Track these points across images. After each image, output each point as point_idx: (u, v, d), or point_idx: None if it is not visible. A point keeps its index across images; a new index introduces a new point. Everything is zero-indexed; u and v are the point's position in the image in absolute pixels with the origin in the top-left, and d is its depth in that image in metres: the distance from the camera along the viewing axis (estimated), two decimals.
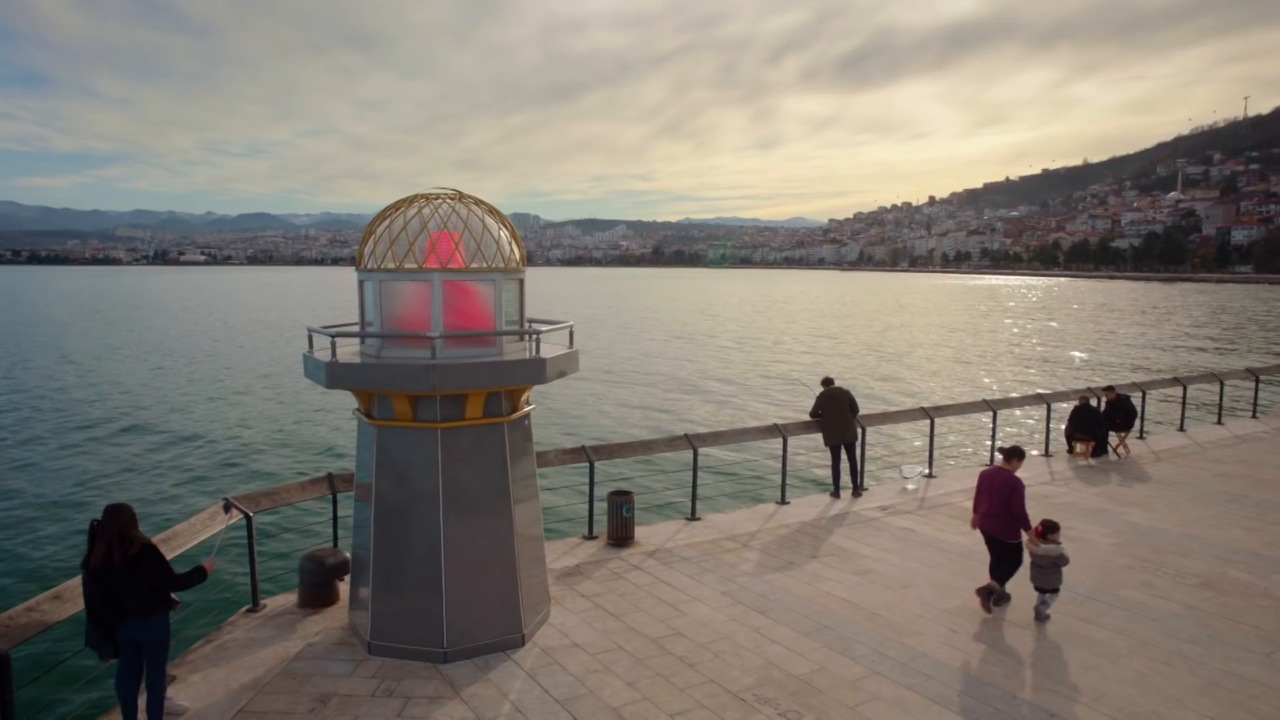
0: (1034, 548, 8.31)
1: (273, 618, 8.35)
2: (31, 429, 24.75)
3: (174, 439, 23.41)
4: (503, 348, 7.58)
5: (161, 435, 23.90)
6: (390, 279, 7.35)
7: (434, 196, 7.59)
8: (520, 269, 7.78)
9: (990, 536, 8.61)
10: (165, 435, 23.89)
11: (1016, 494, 8.34)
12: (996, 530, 8.51)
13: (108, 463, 20.63)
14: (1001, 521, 8.44)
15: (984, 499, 8.62)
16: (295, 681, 7.03)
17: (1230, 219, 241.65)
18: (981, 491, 8.68)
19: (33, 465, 20.37)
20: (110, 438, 23.71)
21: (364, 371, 7.14)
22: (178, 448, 22.34)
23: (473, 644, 7.46)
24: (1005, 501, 8.36)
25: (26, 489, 18.13)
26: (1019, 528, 8.41)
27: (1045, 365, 42.07)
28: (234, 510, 6.80)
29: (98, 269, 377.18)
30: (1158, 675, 7.20)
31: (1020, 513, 8.36)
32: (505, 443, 7.64)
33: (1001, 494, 8.39)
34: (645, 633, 7.99)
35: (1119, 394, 15.86)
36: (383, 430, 7.49)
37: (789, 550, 10.40)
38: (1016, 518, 8.36)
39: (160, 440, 23.23)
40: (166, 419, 26.37)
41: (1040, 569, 8.27)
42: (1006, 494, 8.36)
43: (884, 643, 7.78)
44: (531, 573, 8.00)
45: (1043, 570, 8.25)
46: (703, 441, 11.83)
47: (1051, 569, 8.21)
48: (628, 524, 10.47)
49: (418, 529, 7.41)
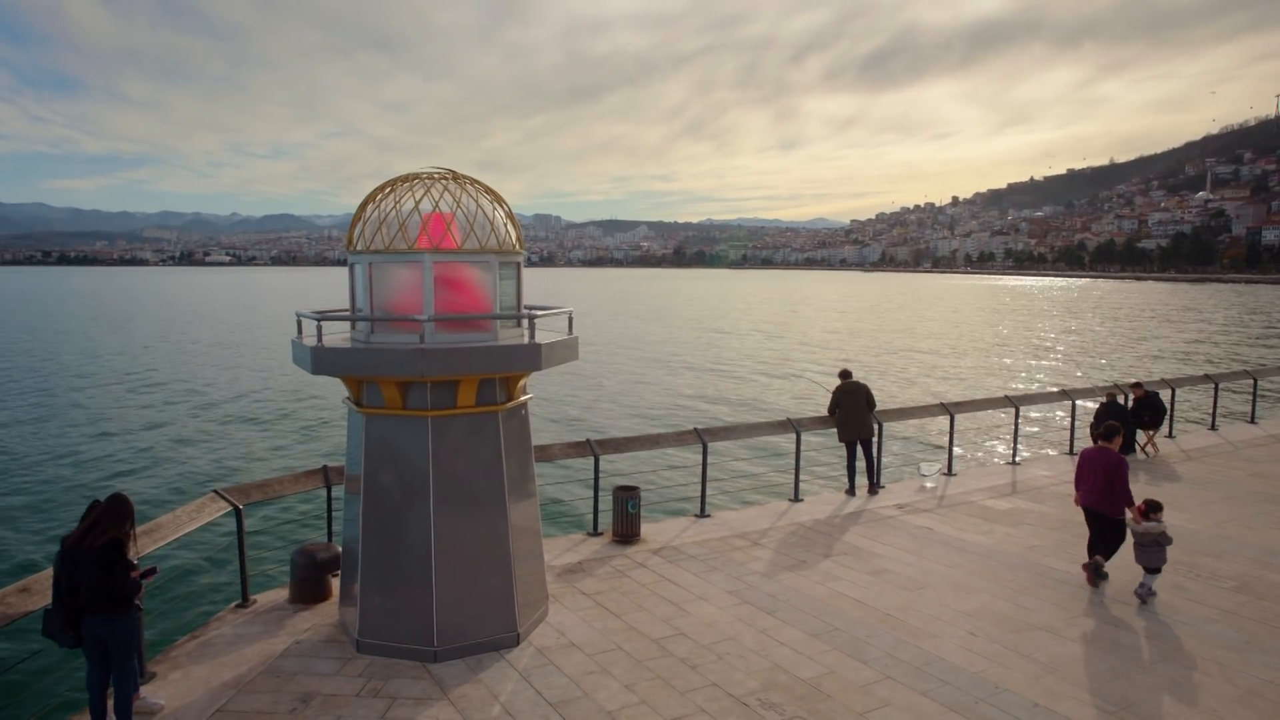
0: (1136, 526, 8.50)
1: (262, 614, 8.07)
2: (15, 420, 24.77)
3: (172, 430, 23.43)
4: (498, 333, 7.25)
5: (158, 426, 23.96)
6: (380, 261, 7.05)
7: (427, 176, 7.27)
8: (517, 252, 7.45)
9: (1093, 512, 8.86)
10: (162, 426, 23.94)
11: (1120, 472, 8.56)
12: (1099, 506, 8.75)
13: (108, 450, 20.59)
14: (1104, 498, 8.67)
15: (1086, 477, 8.87)
16: (279, 680, 6.74)
17: (1261, 219, 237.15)
18: (1083, 470, 8.94)
19: (15, 455, 20.30)
20: (108, 426, 23.75)
21: (350, 356, 6.84)
22: (175, 439, 22.36)
23: (465, 643, 7.13)
24: (1108, 479, 8.58)
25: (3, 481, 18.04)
26: (1122, 505, 8.61)
27: (1071, 362, 41.24)
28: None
29: (120, 270, 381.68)
30: (1191, 684, 6.74)
31: (1123, 491, 8.57)
32: (500, 433, 7.30)
33: (1105, 472, 8.61)
34: (647, 633, 7.63)
35: (1147, 391, 15.29)
36: (371, 419, 7.18)
37: (801, 549, 10.00)
38: (1118, 496, 8.57)
39: (156, 431, 23.27)
40: (164, 409, 26.45)
41: (1143, 547, 8.44)
42: (1110, 472, 8.58)
43: (898, 646, 7.37)
44: (528, 569, 7.67)
45: (1145, 549, 8.43)
46: (713, 436, 11.44)
47: (1154, 547, 8.38)
48: (633, 520, 10.12)
49: (407, 522, 7.10)
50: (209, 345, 48.97)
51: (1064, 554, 9.81)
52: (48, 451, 20.86)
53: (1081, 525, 10.93)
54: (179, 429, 23.60)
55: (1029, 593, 8.64)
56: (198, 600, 9.40)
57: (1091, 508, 8.86)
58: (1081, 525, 10.93)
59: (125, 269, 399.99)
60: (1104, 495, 8.67)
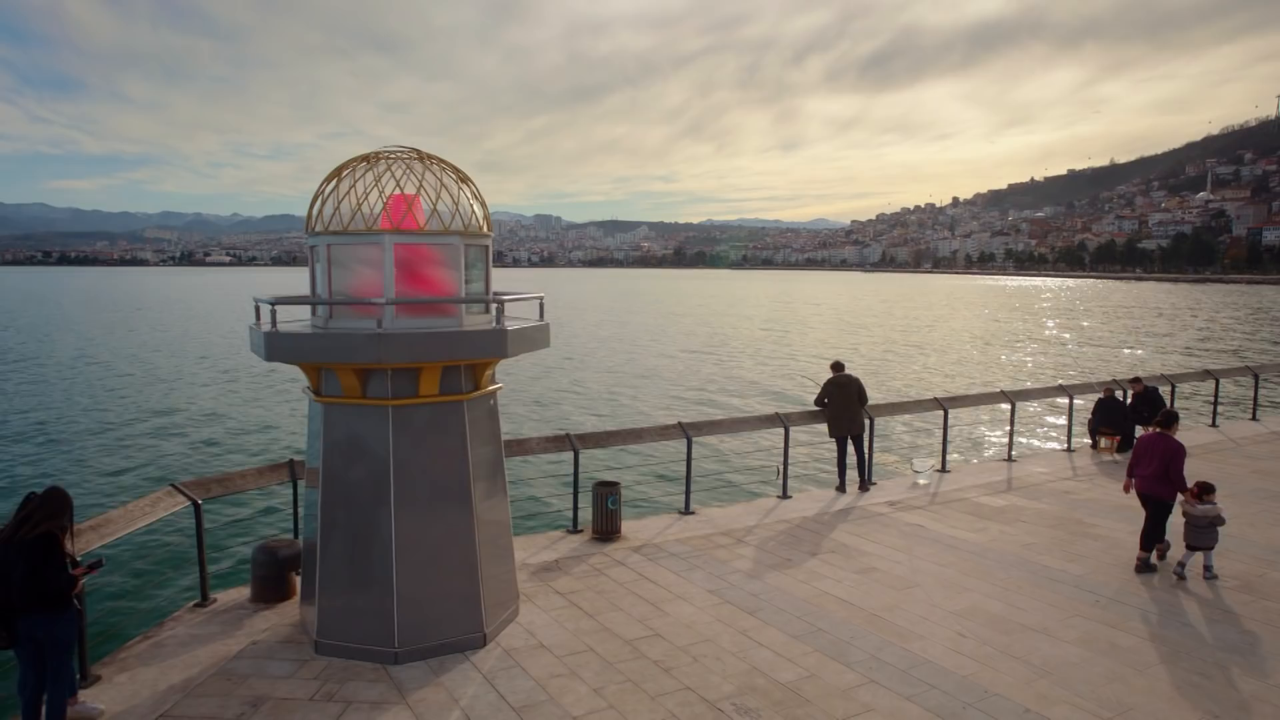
0: (1190, 508, 8.66)
1: (220, 613, 7.73)
2: None
3: (141, 424, 23.20)
4: (463, 319, 6.90)
5: (124, 420, 23.77)
6: (338, 243, 6.70)
7: (389, 155, 6.93)
8: (486, 234, 7.11)
9: (1149, 497, 8.99)
10: (128, 420, 23.75)
11: (1177, 458, 8.76)
12: (1155, 491, 8.90)
13: (70, 445, 20.30)
14: (1160, 483, 8.84)
15: (1143, 463, 9.03)
16: (230, 683, 6.39)
17: (1262, 219, 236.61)
18: (1140, 456, 9.12)
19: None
20: (81, 419, 23.48)
21: (305, 342, 6.49)
22: (140, 433, 22.12)
23: (427, 644, 6.79)
24: (1165, 465, 8.76)
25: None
26: (1176, 490, 8.80)
27: (1070, 358, 40.87)
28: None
29: (120, 270, 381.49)
30: (1192, 687, 6.39)
31: (1178, 477, 8.75)
32: (465, 423, 6.96)
33: (1163, 458, 8.78)
34: (620, 633, 7.29)
35: (1146, 386, 14.94)
36: (330, 408, 6.84)
37: (787, 547, 9.65)
38: (1174, 481, 8.75)
39: (121, 425, 23.07)
40: (128, 404, 26.24)
41: (1197, 529, 8.61)
42: (1167, 458, 8.75)
43: (883, 647, 7.02)
44: (496, 567, 7.32)
45: (1199, 530, 8.61)
46: (697, 430, 11.09)
47: (1208, 529, 8.59)
48: (613, 517, 9.77)
49: (367, 517, 6.75)
50: (183, 340, 48.63)
51: (1059, 552, 9.46)
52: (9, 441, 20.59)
53: (1078, 523, 10.62)
54: (143, 424, 23.36)
55: (1022, 592, 8.29)
56: (155, 599, 9.05)
57: (1147, 493, 9.00)
58: (1078, 523, 10.62)
59: (125, 269, 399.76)
60: (1160, 480, 8.84)
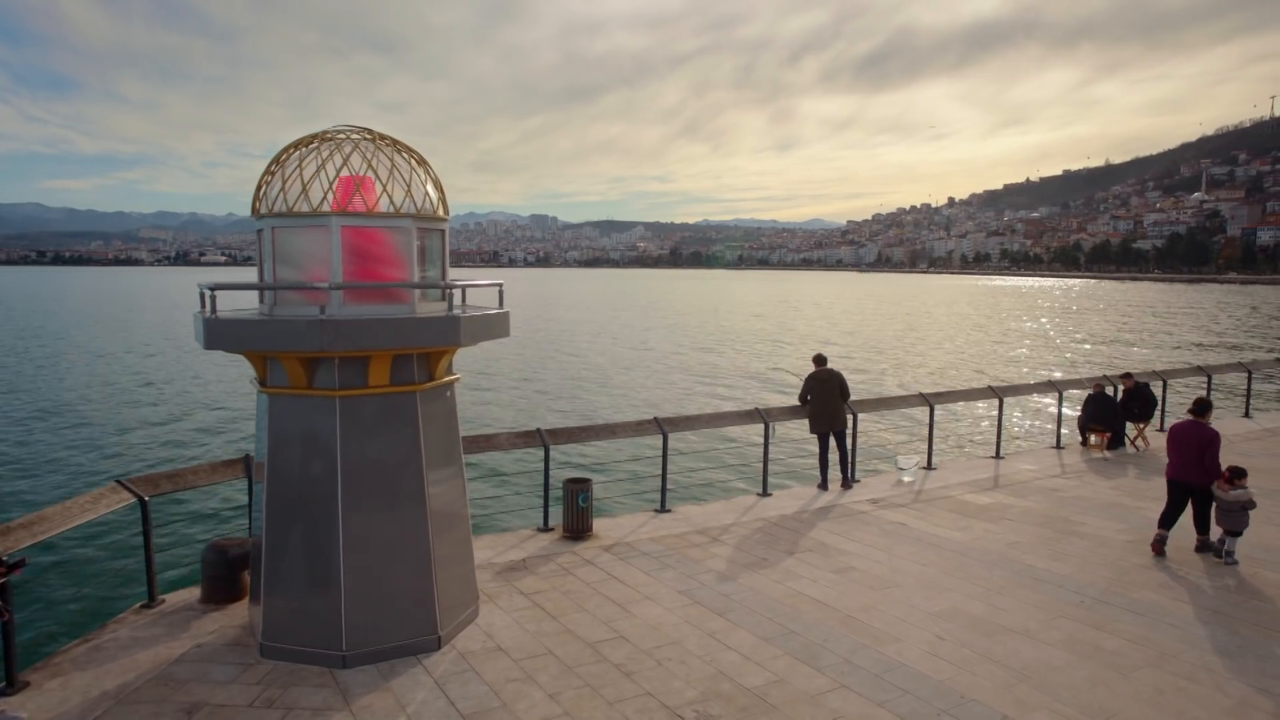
0: (1225, 494, 8.79)
1: (168, 615, 7.39)
2: None
3: (94, 420, 22.90)
4: (415, 305, 6.57)
5: (74, 415, 23.48)
6: (283, 226, 6.38)
7: (339, 135, 6.61)
8: (441, 218, 6.79)
9: (1181, 484, 9.15)
10: (78, 415, 23.47)
11: (1212, 446, 8.86)
12: (1191, 478, 9.03)
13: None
14: (1196, 470, 8.95)
15: (1178, 451, 9.14)
16: (167, 689, 6.06)
17: (1256, 219, 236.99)
18: (1173, 444, 9.21)
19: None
20: (34, 415, 23.20)
21: (245, 329, 6.16)
22: (91, 427, 21.80)
23: (377, 646, 6.46)
24: (1199, 452, 8.86)
25: None
26: (1212, 477, 8.90)
27: (1065, 355, 40.63)
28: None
29: (113, 270, 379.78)
30: (1178, 692, 6.08)
31: (1213, 465, 8.86)
32: (418, 416, 6.63)
33: (1197, 447, 8.89)
34: (583, 636, 6.97)
35: (1137, 382, 14.65)
36: (275, 400, 6.50)
37: (763, 546, 9.33)
38: (1209, 469, 8.85)
39: (80, 423, 22.81)
40: (77, 400, 25.94)
41: (1228, 513, 8.77)
42: (1201, 446, 8.86)
43: (856, 650, 6.70)
44: (453, 567, 6.99)
45: (1230, 514, 8.77)
46: (673, 426, 10.76)
47: (1240, 513, 8.74)
48: (584, 515, 9.45)
49: (313, 514, 6.42)
50: (154, 337, 48.18)
51: (1045, 551, 9.16)
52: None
53: (1066, 521, 10.32)
54: (103, 421, 23.08)
55: (1005, 592, 7.98)
56: (102, 601, 8.70)
57: (1182, 480, 9.12)
58: (1066, 521, 10.32)
59: (120, 269, 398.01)
60: (1196, 467, 8.93)
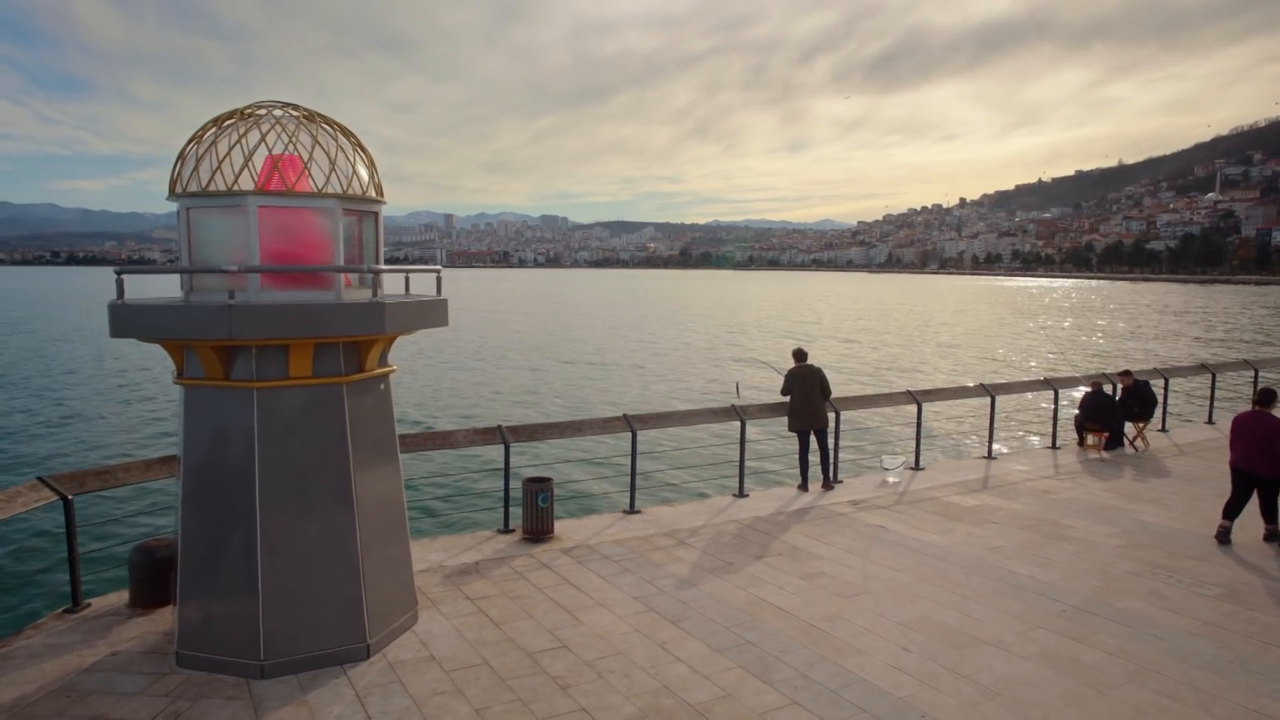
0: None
1: (91, 620, 6.99)
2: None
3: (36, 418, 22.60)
4: (341, 292, 6.15)
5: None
6: (198, 206, 5.96)
7: (264, 111, 6.19)
8: (374, 200, 6.36)
9: (1246, 473, 9.16)
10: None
11: (1279, 436, 8.84)
12: (1257, 468, 9.06)
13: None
14: (1263, 460, 9.00)
15: (1242, 441, 9.17)
16: (67, 701, 5.65)
17: (1271, 220, 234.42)
18: (1237, 434, 9.25)
19: None
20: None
21: (150, 316, 5.75)
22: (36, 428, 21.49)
23: (299, 655, 6.04)
24: (1266, 443, 8.90)
25: None
26: (1278, 467, 8.93)
27: (1064, 354, 39.94)
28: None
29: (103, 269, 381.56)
30: (1160, 712, 5.59)
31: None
32: (345, 410, 6.21)
33: (1264, 437, 8.93)
34: (524, 645, 6.52)
35: (1137, 380, 14.10)
36: (191, 392, 6.10)
37: (731, 549, 8.87)
38: (1277, 459, 8.87)
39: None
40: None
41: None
42: (1269, 436, 8.89)
43: (814, 664, 6.23)
44: (386, 571, 6.57)
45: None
46: (643, 424, 10.31)
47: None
48: (544, 516, 9.01)
49: (230, 513, 6.00)
50: None
51: (1029, 556, 8.66)
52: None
53: (1053, 524, 9.83)
54: (37, 418, 22.87)
55: (981, 600, 7.49)
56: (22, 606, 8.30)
57: (1248, 469, 9.14)
58: (1053, 524, 9.83)
59: (107, 268, 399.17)
60: (1263, 457, 8.96)
